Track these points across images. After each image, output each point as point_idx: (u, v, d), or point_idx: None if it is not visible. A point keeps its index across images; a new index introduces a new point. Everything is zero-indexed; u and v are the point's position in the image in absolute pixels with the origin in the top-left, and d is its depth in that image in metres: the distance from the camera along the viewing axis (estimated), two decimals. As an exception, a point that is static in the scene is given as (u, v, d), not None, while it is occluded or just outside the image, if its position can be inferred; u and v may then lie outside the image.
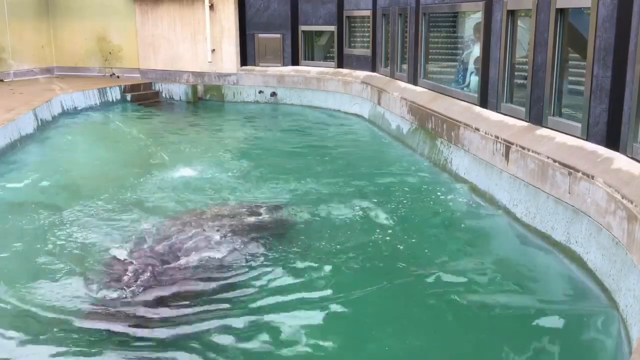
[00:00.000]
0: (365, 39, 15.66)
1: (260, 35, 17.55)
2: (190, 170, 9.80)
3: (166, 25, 18.50)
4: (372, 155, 11.44)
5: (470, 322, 4.95)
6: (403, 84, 12.49)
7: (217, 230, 6.77)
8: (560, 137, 6.64)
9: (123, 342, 4.65)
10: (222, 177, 9.50)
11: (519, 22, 8.10)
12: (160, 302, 5.22)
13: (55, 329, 4.80)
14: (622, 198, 4.98)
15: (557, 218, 6.17)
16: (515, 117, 7.83)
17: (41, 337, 4.72)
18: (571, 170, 5.87)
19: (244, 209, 7.64)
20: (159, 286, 5.49)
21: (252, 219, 7.28)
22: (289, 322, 4.91)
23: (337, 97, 15.88)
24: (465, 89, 9.94)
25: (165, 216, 7.40)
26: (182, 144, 12.29)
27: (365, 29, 15.57)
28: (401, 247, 6.57)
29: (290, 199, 8.27)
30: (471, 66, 9.90)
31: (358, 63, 15.82)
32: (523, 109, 7.66)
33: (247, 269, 5.92)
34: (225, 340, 4.66)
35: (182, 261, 6.01)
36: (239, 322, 4.89)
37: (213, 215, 7.33)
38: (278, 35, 17.34)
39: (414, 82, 11.95)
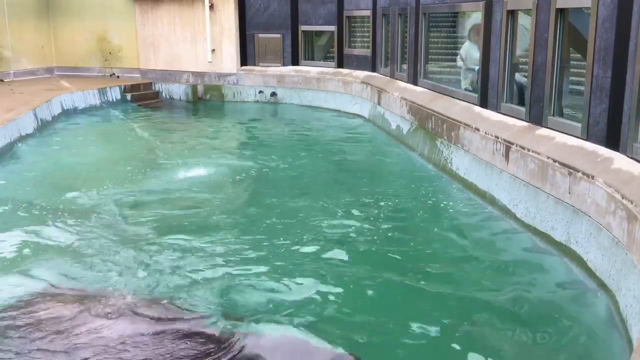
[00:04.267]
0: (365, 39, 15.66)
1: (260, 35, 17.54)
2: (181, 177, 9.55)
3: (166, 26, 18.49)
4: (371, 155, 11.44)
5: (470, 322, 4.94)
6: (403, 84, 12.49)
7: None
8: (560, 137, 6.64)
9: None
10: (212, 187, 8.98)
11: (520, 21, 8.10)
12: None
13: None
14: (622, 198, 4.98)
15: (557, 218, 6.17)
16: (515, 117, 7.83)
17: None
18: (571, 170, 5.87)
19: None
20: None
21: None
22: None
23: (337, 97, 15.87)
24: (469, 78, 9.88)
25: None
26: (179, 146, 12.22)
27: (365, 29, 15.56)
28: (400, 248, 6.57)
29: (285, 206, 8.26)
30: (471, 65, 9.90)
31: (358, 63, 15.82)
32: (523, 109, 7.67)
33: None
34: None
35: None
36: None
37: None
38: (278, 35, 17.34)
39: (414, 82, 11.94)
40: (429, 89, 11.21)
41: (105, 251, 6.37)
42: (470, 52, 9.77)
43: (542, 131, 7.05)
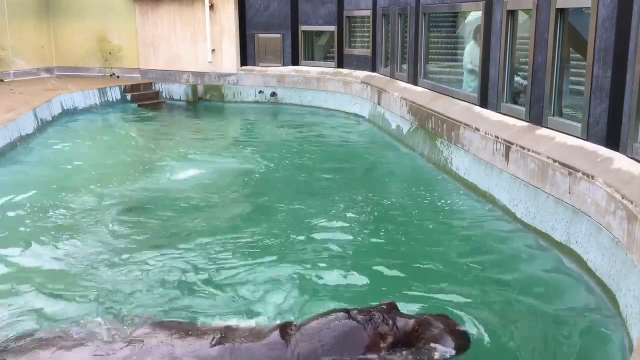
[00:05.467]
0: (365, 39, 15.66)
1: (260, 35, 17.55)
2: (181, 178, 9.46)
3: (166, 26, 18.50)
4: (371, 155, 11.44)
5: (470, 321, 4.94)
6: (403, 84, 12.49)
7: None
8: (560, 137, 6.64)
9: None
10: (209, 194, 8.72)
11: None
12: None
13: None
14: (622, 198, 4.98)
15: (557, 218, 6.17)
16: (515, 117, 7.83)
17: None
18: (571, 170, 5.87)
19: None
20: None
21: None
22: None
23: (337, 97, 15.87)
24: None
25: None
26: (179, 146, 12.18)
27: (365, 29, 15.57)
28: (400, 247, 6.57)
29: (286, 206, 8.27)
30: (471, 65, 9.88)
31: (358, 63, 15.82)
32: (523, 109, 7.67)
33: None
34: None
35: None
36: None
37: None
38: (278, 35, 17.34)
39: (414, 82, 11.95)
40: (429, 89, 11.21)
41: (104, 256, 6.37)
42: (474, 53, 9.73)
43: (542, 131, 7.05)
